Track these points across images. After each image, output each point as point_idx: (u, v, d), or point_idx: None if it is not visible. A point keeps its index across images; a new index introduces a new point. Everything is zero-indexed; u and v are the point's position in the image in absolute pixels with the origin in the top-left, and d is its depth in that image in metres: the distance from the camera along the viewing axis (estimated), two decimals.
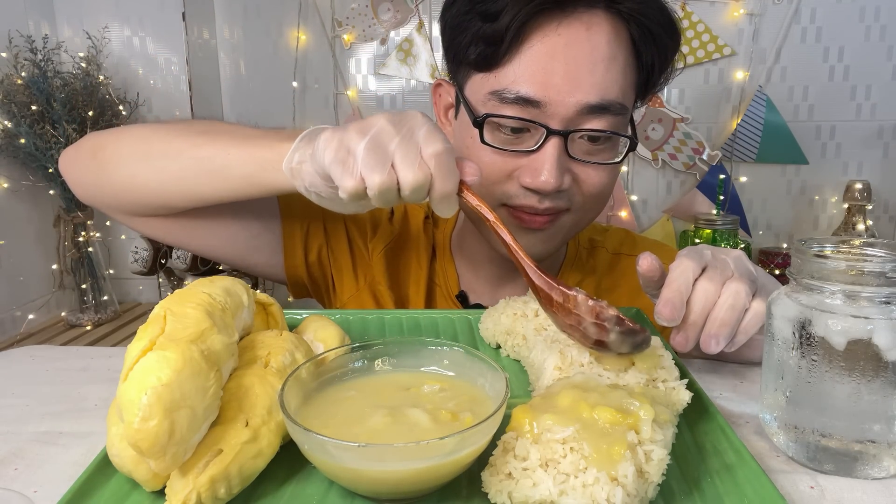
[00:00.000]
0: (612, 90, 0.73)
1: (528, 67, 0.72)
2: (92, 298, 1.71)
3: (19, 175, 1.59)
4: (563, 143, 0.72)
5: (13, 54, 1.51)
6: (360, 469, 0.40)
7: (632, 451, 0.40)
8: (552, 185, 0.72)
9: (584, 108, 0.71)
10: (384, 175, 0.54)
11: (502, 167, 0.75)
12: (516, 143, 0.75)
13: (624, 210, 1.81)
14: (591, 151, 0.75)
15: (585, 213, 0.80)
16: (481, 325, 0.69)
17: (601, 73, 0.72)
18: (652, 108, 1.76)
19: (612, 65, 0.72)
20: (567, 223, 0.79)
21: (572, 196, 0.77)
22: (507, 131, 0.74)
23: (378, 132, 0.55)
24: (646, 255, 0.59)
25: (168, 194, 0.75)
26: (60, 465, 0.50)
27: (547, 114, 0.72)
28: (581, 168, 0.75)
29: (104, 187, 0.79)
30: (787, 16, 1.68)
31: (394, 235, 0.94)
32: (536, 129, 0.73)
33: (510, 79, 0.72)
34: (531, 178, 0.73)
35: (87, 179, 0.80)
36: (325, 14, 1.81)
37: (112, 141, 0.78)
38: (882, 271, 0.45)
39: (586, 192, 0.77)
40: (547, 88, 0.71)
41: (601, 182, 0.77)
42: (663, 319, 0.56)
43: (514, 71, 0.72)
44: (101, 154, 0.77)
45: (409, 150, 0.54)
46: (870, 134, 1.73)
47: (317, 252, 0.91)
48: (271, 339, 0.52)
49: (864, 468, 0.47)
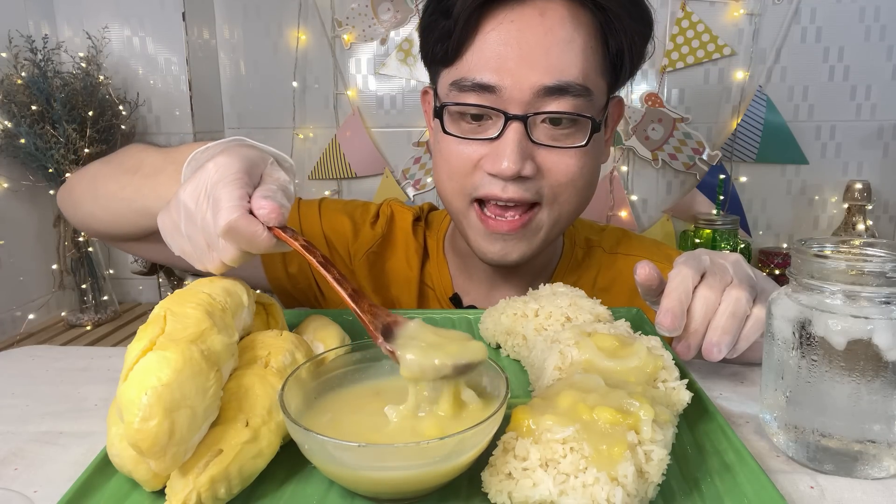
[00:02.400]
0: (570, 72, 0.72)
1: (482, 55, 0.73)
2: (92, 298, 1.71)
3: (19, 175, 1.59)
4: (523, 128, 0.72)
5: (13, 54, 1.50)
6: (360, 469, 0.40)
7: (632, 451, 0.40)
8: (513, 169, 0.72)
9: (541, 90, 0.72)
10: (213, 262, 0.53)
11: (469, 157, 0.76)
12: (479, 131, 0.75)
13: (624, 210, 1.81)
14: (554, 136, 0.75)
15: (561, 206, 0.78)
16: (481, 325, 0.69)
17: (556, 54, 0.72)
18: (652, 108, 1.76)
19: (569, 47, 0.73)
20: (544, 220, 0.78)
21: (540, 187, 0.76)
22: (470, 120, 0.75)
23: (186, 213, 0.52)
24: (643, 264, 0.59)
25: (120, 228, 0.78)
26: (60, 465, 0.50)
27: (504, 99, 0.73)
28: (547, 155, 0.75)
29: (80, 223, 0.86)
30: (787, 16, 1.68)
31: (377, 239, 0.93)
32: (497, 117, 0.74)
33: (467, 68, 0.74)
34: (492, 165, 0.73)
35: (69, 216, 0.87)
36: (325, 14, 1.81)
37: (77, 181, 0.84)
38: (882, 271, 0.45)
39: (555, 180, 0.76)
40: (502, 73, 0.72)
41: (570, 169, 0.76)
42: (664, 330, 0.56)
43: (469, 60, 0.74)
44: (72, 195, 0.84)
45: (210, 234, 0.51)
46: (870, 134, 1.73)
47: (297, 263, 0.91)
48: (271, 339, 0.52)
49: (864, 468, 0.47)
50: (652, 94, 1.76)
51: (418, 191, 1.87)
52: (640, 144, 1.78)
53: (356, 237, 0.93)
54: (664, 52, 1.73)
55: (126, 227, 0.77)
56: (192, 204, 0.52)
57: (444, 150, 0.78)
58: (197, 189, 0.52)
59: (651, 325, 0.70)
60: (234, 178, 0.51)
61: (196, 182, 0.52)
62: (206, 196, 0.51)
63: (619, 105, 0.86)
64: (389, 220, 0.96)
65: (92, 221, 0.82)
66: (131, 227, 0.76)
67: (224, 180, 0.51)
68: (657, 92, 1.76)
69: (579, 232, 0.97)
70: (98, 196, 0.78)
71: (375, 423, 0.46)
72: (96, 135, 1.58)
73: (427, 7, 0.79)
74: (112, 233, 0.81)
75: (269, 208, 0.50)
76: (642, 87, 1.77)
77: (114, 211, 0.76)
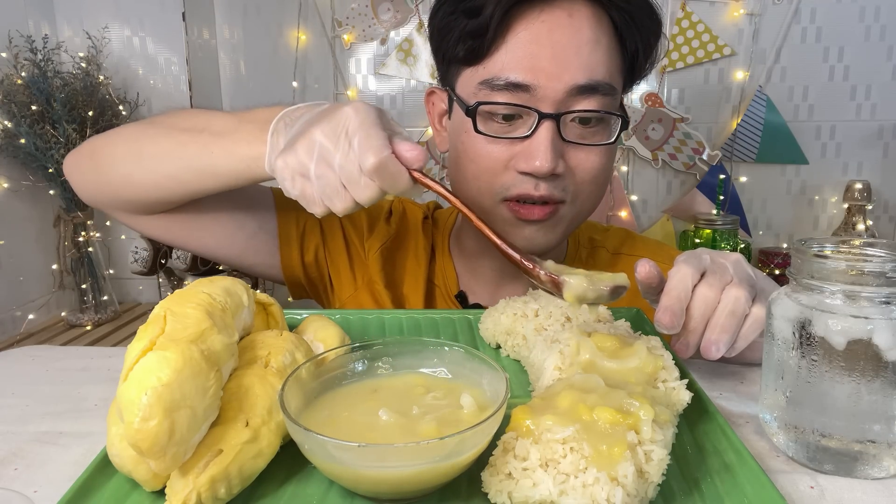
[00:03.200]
0: (599, 71, 0.74)
1: (514, 54, 0.73)
2: (92, 298, 1.71)
3: (19, 175, 1.59)
4: (555, 126, 0.73)
5: (13, 54, 1.51)
6: (361, 469, 0.40)
7: (632, 451, 0.40)
8: (547, 167, 0.72)
9: (574, 88, 0.73)
10: (343, 201, 0.56)
11: (498, 157, 0.76)
12: (510, 130, 0.76)
13: (624, 210, 1.81)
14: (583, 135, 0.76)
15: (582, 203, 0.80)
16: (481, 325, 0.69)
17: (586, 54, 0.73)
18: (652, 108, 1.76)
19: (596, 47, 0.74)
20: (567, 215, 0.80)
21: (567, 185, 0.77)
22: (500, 119, 0.76)
23: (320, 153, 0.56)
24: (643, 262, 0.59)
25: (163, 191, 0.76)
26: (60, 465, 0.50)
27: (537, 98, 0.73)
28: (574, 153, 0.76)
29: (103, 188, 0.81)
30: (787, 16, 1.68)
31: (391, 235, 0.94)
32: (529, 115, 0.74)
33: (499, 67, 0.74)
34: (526, 163, 0.74)
35: (88, 181, 0.82)
36: (325, 14, 1.81)
37: (108, 143, 0.80)
38: (882, 271, 0.45)
39: (580, 178, 0.77)
40: (535, 72, 0.73)
41: (594, 167, 0.77)
42: (663, 327, 0.56)
43: (501, 59, 0.74)
44: (99, 156, 0.80)
45: (351, 171, 0.55)
46: (870, 134, 1.73)
47: (313, 252, 0.91)
48: (271, 339, 0.52)
49: (864, 468, 0.47)
50: (652, 94, 1.76)
51: None
52: (640, 144, 1.78)
53: (371, 231, 0.94)
54: (664, 52, 1.72)
55: (174, 190, 0.75)
56: (329, 143, 0.55)
57: (471, 151, 0.78)
58: (336, 130, 0.55)
59: (651, 326, 0.70)
60: (377, 123, 0.55)
61: (333, 123, 0.56)
62: (346, 137, 0.55)
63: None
64: (402, 216, 0.97)
65: (122, 186, 0.78)
66: (183, 189, 0.74)
67: (368, 122, 0.55)
68: (657, 92, 1.76)
69: (583, 232, 0.97)
70: (143, 156, 0.75)
71: (370, 423, 0.46)
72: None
73: (439, 7, 0.78)
74: (147, 198, 0.77)
75: (415, 151, 0.55)
76: (642, 87, 1.77)
77: (165, 172, 0.73)
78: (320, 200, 0.58)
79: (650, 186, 1.83)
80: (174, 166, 0.73)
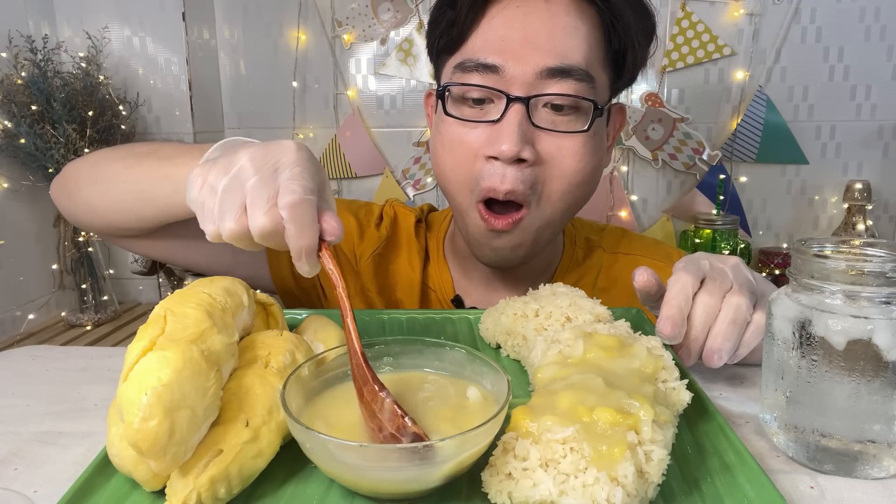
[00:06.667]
0: (573, 56, 0.73)
1: (486, 37, 0.74)
2: (92, 298, 1.71)
3: (19, 175, 1.59)
4: (524, 110, 0.72)
5: (13, 54, 1.50)
6: (361, 469, 0.40)
7: (632, 452, 0.40)
8: (513, 150, 0.71)
9: (543, 71, 0.72)
10: (233, 222, 0.49)
11: (471, 144, 0.75)
12: (481, 115, 0.76)
13: (624, 210, 1.81)
14: (555, 122, 0.75)
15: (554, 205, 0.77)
16: (481, 325, 0.69)
17: (560, 38, 0.73)
18: (652, 108, 1.76)
19: (573, 32, 0.73)
20: (532, 223, 0.77)
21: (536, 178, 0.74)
22: (471, 104, 0.76)
23: (238, 171, 0.49)
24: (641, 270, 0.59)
25: (117, 217, 0.75)
26: (60, 465, 0.50)
27: (507, 80, 0.73)
28: (547, 140, 0.74)
29: (73, 213, 0.81)
30: (787, 16, 1.68)
31: (382, 241, 0.93)
32: (500, 99, 0.74)
33: (471, 50, 0.75)
34: (491, 147, 0.73)
35: (63, 206, 0.83)
36: (325, 14, 1.81)
37: (75, 168, 0.80)
38: (882, 271, 0.45)
39: (550, 172, 0.75)
40: (505, 54, 0.72)
41: (566, 159, 0.74)
42: (665, 338, 0.56)
43: (474, 43, 0.75)
44: (68, 182, 0.80)
45: (260, 194, 0.48)
46: (870, 134, 1.73)
47: None
48: (271, 339, 0.52)
49: (864, 468, 0.47)
50: (652, 94, 1.76)
51: (418, 191, 1.87)
52: (640, 144, 1.78)
53: (362, 238, 0.93)
54: (664, 52, 1.73)
55: (123, 217, 0.74)
56: (251, 167, 0.49)
57: (445, 138, 0.78)
58: (266, 157, 0.49)
59: (651, 326, 0.70)
60: (312, 173, 0.49)
61: (266, 151, 0.50)
62: (273, 166, 0.49)
63: (621, 112, 0.86)
64: (393, 221, 0.96)
65: (87, 211, 0.77)
66: (129, 216, 0.73)
67: (305, 163, 0.49)
68: (657, 92, 1.76)
69: (579, 232, 0.97)
70: (97, 180, 0.74)
71: None
72: (96, 135, 1.58)
73: (435, 4, 0.81)
74: (113, 222, 0.76)
75: (338, 225, 0.49)
76: (642, 87, 1.77)
77: (114, 195, 0.72)
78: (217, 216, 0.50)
79: (650, 186, 1.83)
80: (120, 189, 0.72)
